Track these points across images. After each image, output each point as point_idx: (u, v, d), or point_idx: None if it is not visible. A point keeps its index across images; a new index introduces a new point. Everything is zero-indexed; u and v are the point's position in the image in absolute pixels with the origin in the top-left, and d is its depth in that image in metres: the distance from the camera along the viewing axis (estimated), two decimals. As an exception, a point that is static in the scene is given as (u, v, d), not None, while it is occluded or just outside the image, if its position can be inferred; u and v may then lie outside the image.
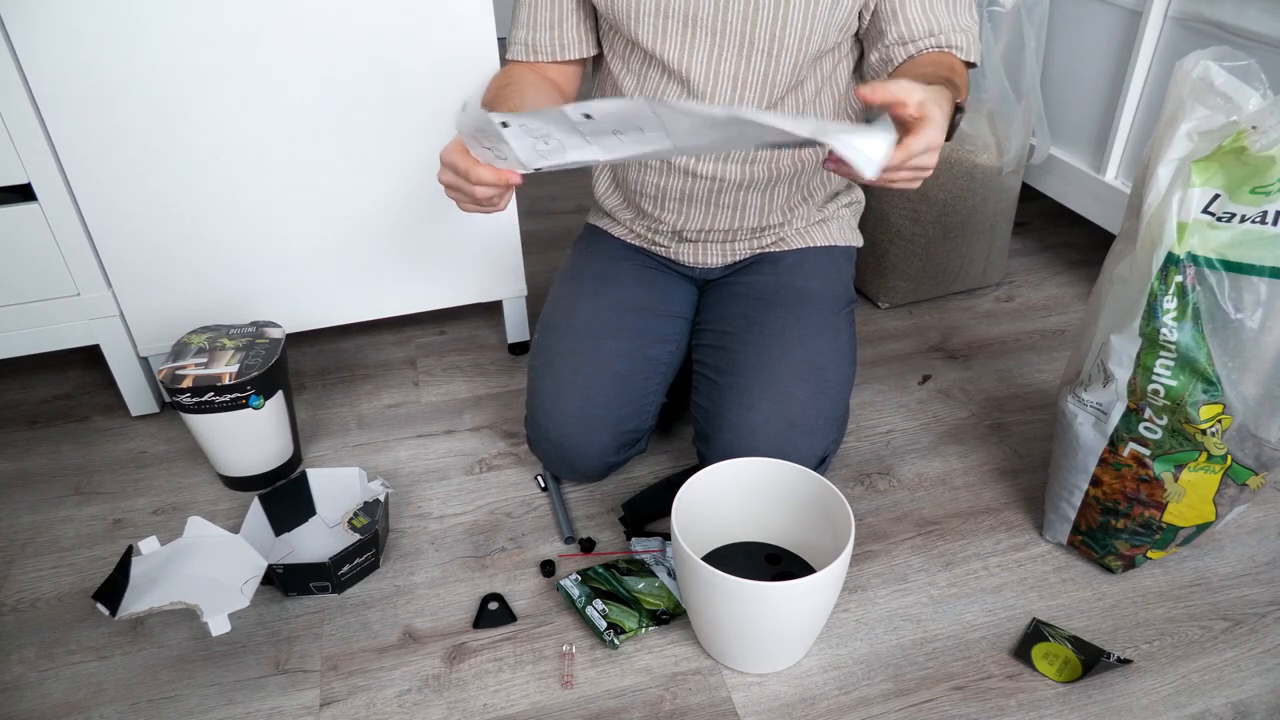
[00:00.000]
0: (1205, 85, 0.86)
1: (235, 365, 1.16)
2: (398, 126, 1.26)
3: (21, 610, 1.07)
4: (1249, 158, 0.84)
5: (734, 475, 1.01)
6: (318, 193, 1.28)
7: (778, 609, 0.89)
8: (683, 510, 0.95)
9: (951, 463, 1.27)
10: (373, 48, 1.19)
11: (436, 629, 1.03)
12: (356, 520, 1.11)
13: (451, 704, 0.95)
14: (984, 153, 1.50)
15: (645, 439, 1.21)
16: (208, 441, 1.19)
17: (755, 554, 1.06)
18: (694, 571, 0.89)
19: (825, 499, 0.97)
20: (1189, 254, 0.86)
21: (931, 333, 1.57)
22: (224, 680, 0.98)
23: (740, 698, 0.95)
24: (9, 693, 0.97)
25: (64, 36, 1.08)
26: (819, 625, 0.95)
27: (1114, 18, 1.49)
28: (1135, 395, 0.94)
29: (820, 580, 0.87)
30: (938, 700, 0.94)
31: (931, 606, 1.05)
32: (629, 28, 1.02)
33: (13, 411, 1.43)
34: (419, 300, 1.44)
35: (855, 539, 0.90)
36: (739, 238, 1.17)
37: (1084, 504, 1.05)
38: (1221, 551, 1.11)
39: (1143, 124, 1.49)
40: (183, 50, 1.12)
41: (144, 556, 0.99)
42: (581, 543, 1.13)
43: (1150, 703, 0.93)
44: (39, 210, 1.18)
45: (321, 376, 1.49)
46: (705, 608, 0.92)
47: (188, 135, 1.18)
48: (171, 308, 1.31)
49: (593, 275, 1.21)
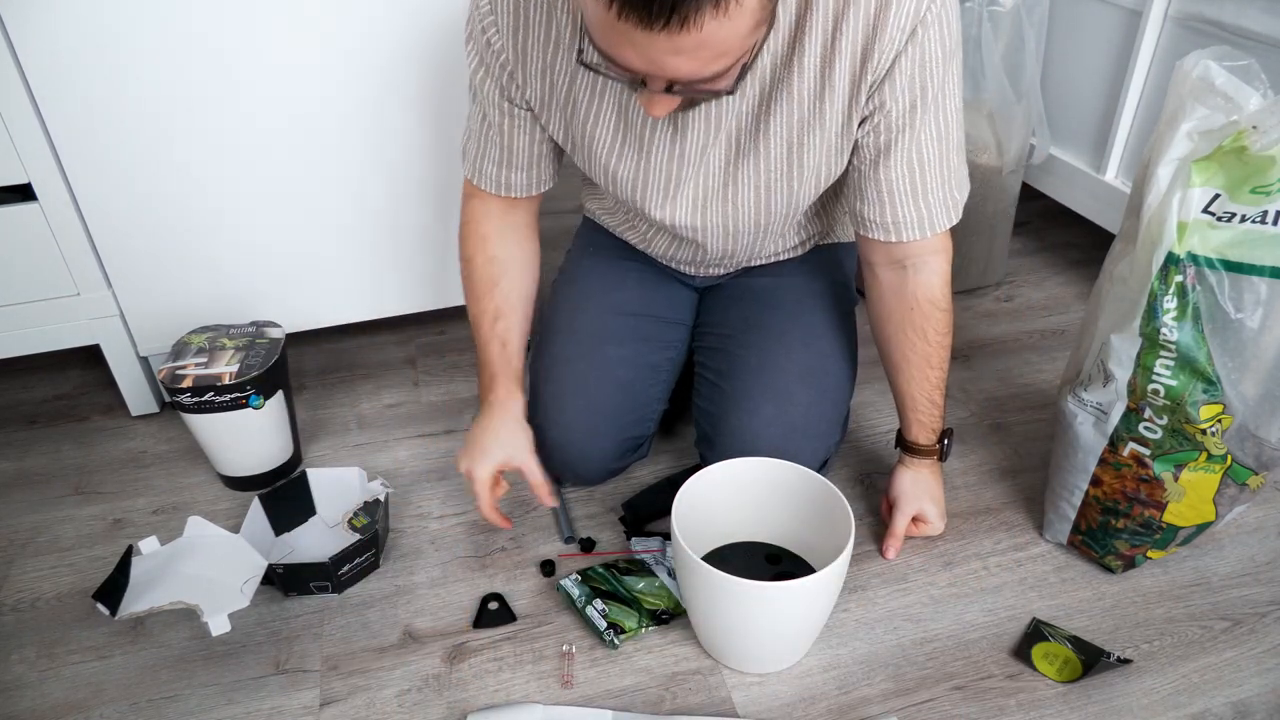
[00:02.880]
0: (1205, 85, 0.86)
1: (235, 365, 1.15)
2: (398, 126, 1.26)
3: (21, 610, 1.07)
4: (1249, 157, 0.84)
5: (734, 475, 1.01)
6: (318, 193, 1.28)
7: (778, 609, 0.89)
8: (683, 510, 0.95)
9: (951, 462, 1.27)
10: (373, 48, 1.19)
11: (436, 629, 1.03)
12: (356, 520, 1.11)
13: (451, 704, 0.95)
14: (984, 153, 1.50)
15: (647, 444, 1.21)
16: (208, 441, 1.19)
17: (755, 554, 1.06)
18: (694, 572, 0.89)
19: (825, 499, 0.97)
20: (1189, 254, 0.86)
21: (931, 332, 1.57)
22: (224, 680, 0.98)
23: (740, 697, 0.95)
24: (9, 693, 0.97)
25: (64, 36, 1.07)
26: (819, 625, 0.95)
27: (1114, 18, 1.49)
28: (1135, 395, 0.94)
29: (821, 580, 0.87)
30: (938, 700, 0.94)
31: (931, 606, 1.05)
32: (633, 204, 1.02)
33: (13, 411, 1.43)
34: (419, 300, 1.44)
35: (855, 539, 0.90)
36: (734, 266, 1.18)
37: (1084, 504, 1.05)
38: (1221, 551, 1.11)
39: (1143, 124, 1.48)
40: (183, 50, 1.12)
41: (144, 556, 0.99)
42: (581, 542, 1.13)
43: (1150, 703, 0.93)
44: (39, 210, 1.18)
45: (321, 376, 1.49)
46: (706, 608, 0.92)
47: (188, 135, 1.18)
48: (171, 308, 1.31)
49: (594, 278, 1.21)
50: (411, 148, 1.28)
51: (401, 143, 1.28)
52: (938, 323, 1.00)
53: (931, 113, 0.88)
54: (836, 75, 0.86)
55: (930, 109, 0.88)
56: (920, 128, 0.89)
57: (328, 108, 1.22)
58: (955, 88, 0.89)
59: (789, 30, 0.85)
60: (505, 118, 1.00)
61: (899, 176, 0.92)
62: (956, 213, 0.96)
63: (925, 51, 0.84)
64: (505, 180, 1.05)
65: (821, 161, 0.94)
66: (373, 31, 1.18)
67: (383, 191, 1.31)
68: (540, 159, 1.04)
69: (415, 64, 1.22)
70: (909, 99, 0.87)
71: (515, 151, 1.03)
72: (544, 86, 0.95)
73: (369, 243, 1.35)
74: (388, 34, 1.19)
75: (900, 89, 0.86)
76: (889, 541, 1.10)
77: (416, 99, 1.25)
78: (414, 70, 1.22)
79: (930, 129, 0.90)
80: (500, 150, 1.03)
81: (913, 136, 0.90)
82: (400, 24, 1.19)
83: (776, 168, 0.94)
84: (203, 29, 1.12)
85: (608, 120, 0.95)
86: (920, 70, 0.85)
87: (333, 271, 1.36)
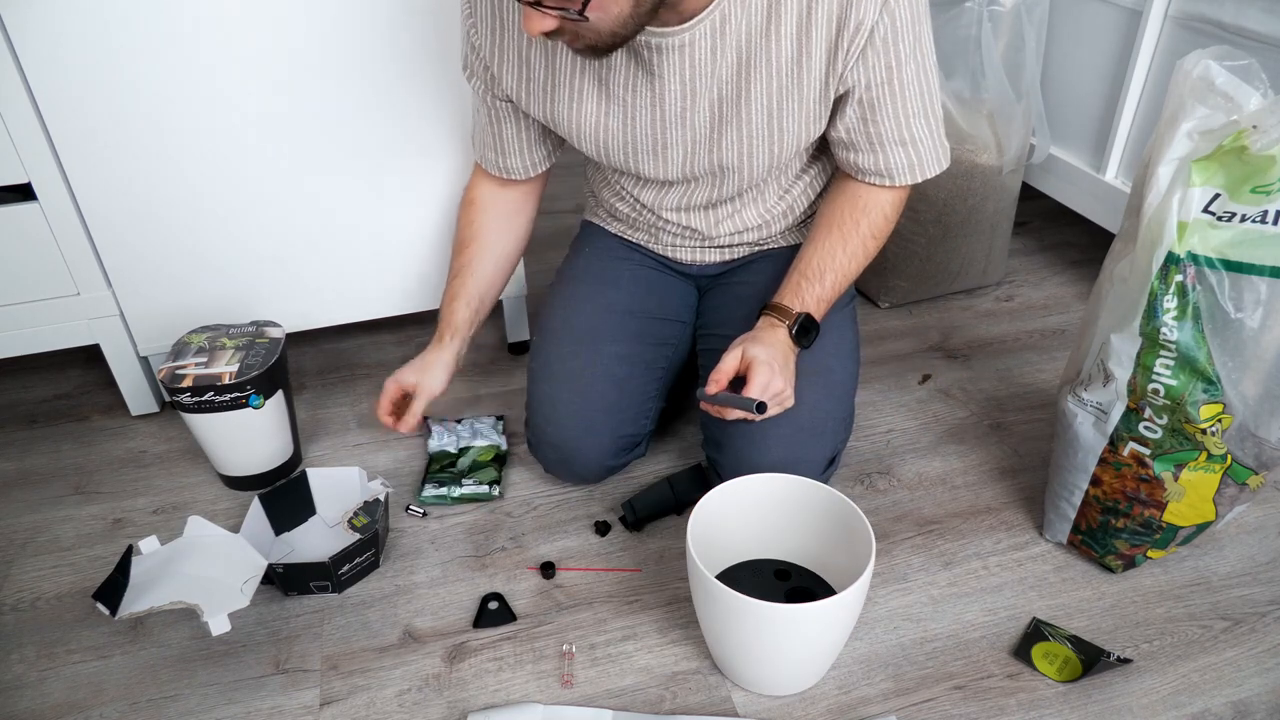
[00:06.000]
0: (1205, 85, 0.86)
1: (235, 365, 1.15)
2: (398, 126, 1.26)
3: (21, 610, 1.07)
4: (1249, 157, 0.84)
5: (744, 492, 0.98)
6: (318, 193, 1.28)
7: (799, 630, 0.87)
8: (697, 532, 0.92)
9: (951, 462, 1.27)
10: (374, 49, 1.19)
11: (436, 628, 1.03)
12: (356, 520, 1.11)
13: (451, 703, 0.95)
14: (984, 152, 1.50)
15: (644, 442, 1.21)
16: (208, 441, 1.19)
17: (763, 571, 1.04)
18: (711, 594, 0.86)
19: (839, 513, 0.95)
20: (1189, 253, 0.86)
21: (931, 332, 1.57)
22: (224, 680, 0.98)
23: (740, 697, 0.95)
24: (9, 693, 0.97)
25: (64, 36, 1.07)
26: (840, 645, 0.92)
27: (1114, 17, 1.49)
28: (1135, 395, 0.94)
29: (846, 599, 0.84)
30: (938, 700, 0.94)
31: (931, 606, 1.05)
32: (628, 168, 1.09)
33: (13, 411, 1.43)
34: (419, 300, 1.44)
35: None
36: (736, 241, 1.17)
37: (1084, 503, 1.05)
38: (1221, 551, 1.11)
39: (1143, 124, 1.48)
40: (184, 50, 1.12)
41: (144, 556, 0.99)
42: (542, 568, 1.11)
43: (1150, 702, 0.93)
44: (39, 210, 1.18)
45: (321, 376, 1.49)
46: (721, 630, 0.90)
47: (188, 135, 1.18)
48: (171, 307, 1.31)
49: (591, 277, 1.21)
50: (411, 148, 1.28)
51: (401, 143, 1.27)
52: (875, 223, 1.05)
53: (911, 68, 0.95)
54: (814, 44, 0.92)
55: (910, 63, 0.95)
56: (903, 84, 0.96)
57: (328, 108, 1.22)
58: (929, 39, 0.96)
59: (765, 0, 0.91)
60: (490, 110, 1.10)
61: (888, 130, 0.99)
62: (946, 157, 1.04)
63: (897, 15, 0.90)
64: (503, 165, 1.16)
65: (800, 126, 1.00)
66: (373, 33, 1.18)
67: (383, 191, 1.31)
68: (530, 145, 1.13)
69: (414, 65, 1.22)
70: (887, 60, 0.93)
71: (505, 140, 1.13)
72: (521, 78, 1.03)
73: (369, 243, 1.35)
74: (388, 35, 1.19)
75: (878, 51, 0.92)
76: (712, 376, 0.96)
77: (416, 100, 1.25)
78: (413, 71, 1.22)
79: (912, 85, 0.96)
80: (493, 139, 1.13)
81: (899, 91, 0.96)
82: (400, 25, 1.19)
83: (758, 132, 1.00)
84: (203, 29, 1.12)
85: (590, 96, 1.01)
86: (893, 33, 0.91)
87: (333, 271, 1.36)
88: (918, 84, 0.97)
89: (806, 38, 0.92)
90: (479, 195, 1.20)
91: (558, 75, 1.01)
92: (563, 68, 1.00)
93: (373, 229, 1.34)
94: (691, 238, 1.17)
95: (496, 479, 1.21)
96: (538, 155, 1.15)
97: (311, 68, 1.18)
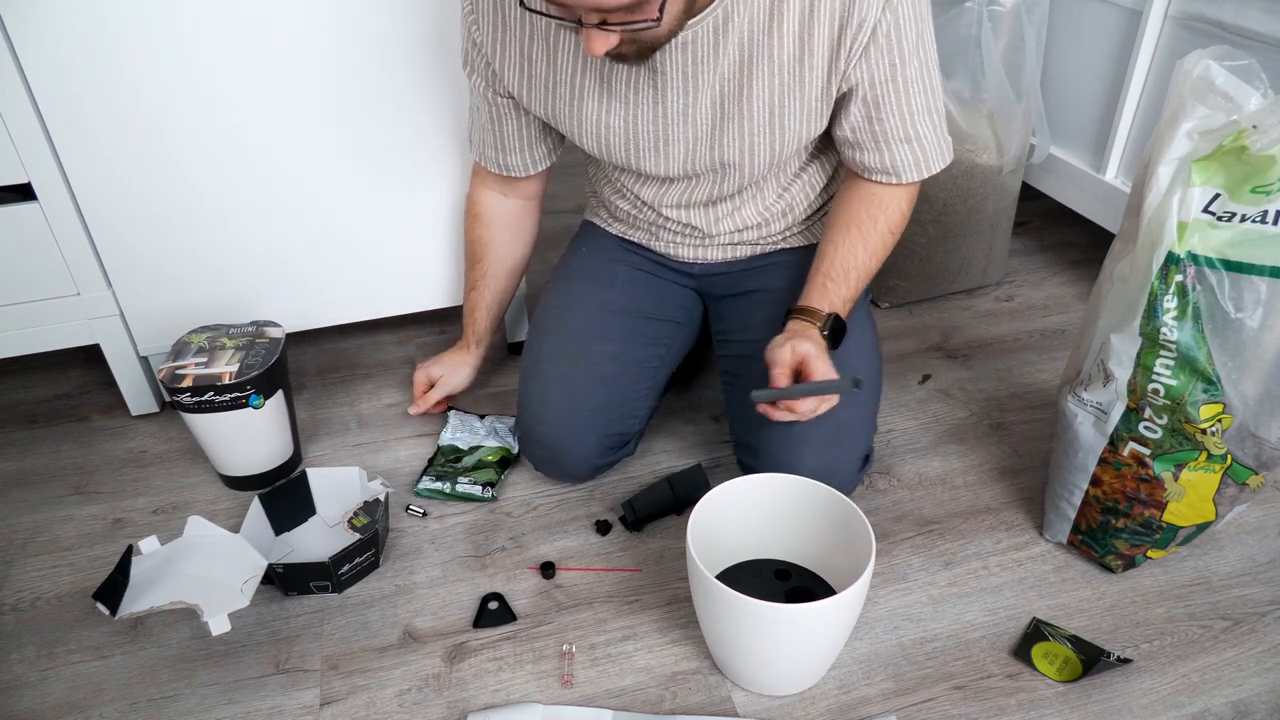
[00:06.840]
0: (1205, 85, 0.86)
1: (235, 365, 1.15)
2: (398, 127, 1.26)
3: (21, 610, 1.07)
4: (1249, 157, 0.84)
5: (744, 492, 0.98)
6: (318, 193, 1.28)
7: (799, 630, 0.87)
8: (697, 532, 0.92)
9: (951, 462, 1.27)
10: (374, 51, 1.19)
11: (436, 628, 1.03)
12: (356, 520, 1.11)
13: (451, 703, 0.95)
14: (984, 152, 1.50)
15: (634, 442, 1.21)
16: (208, 441, 1.19)
17: (763, 571, 1.04)
18: (711, 594, 0.86)
19: (839, 512, 0.95)
20: (1189, 253, 0.86)
21: (931, 332, 1.57)
22: (224, 680, 0.98)
23: (740, 697, 0.95)
24: (9, 693, 0.97)
25: (64, 36, 1.07)
26: (840, 644, 0.93)
27: (1114, 17, 1.49)
28: (1135, 394, 0.94)
29: (847, 598, 0.84)
30: (938, 700, 0.94)
31: (931, 606, 1.05)
32: (629, 164, 1.08)
33: (13, 411, 1.43)
34: (419, 300, 1.44)
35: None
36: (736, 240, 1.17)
37: (1084, 503, 1.05)
38: (1221, 551, 1.11)
39: (1143, 124, 1.48)
40: (184, 50, 1.12)
41: (144, 556, 0.99)
42: (542, 568, 1.11)
43: (1150, 702, 0.93)
44: (39, 210, 1.18)
45: (321, 376, 1.49)
46: (721, 630, 0.90)
47: (188, 135, 1.18)
48: (171, 307, 1.31)
49: (585, 276, 1.22)
50: (412, 148, 1.28)
51: (401, 143, 1.27)
52: (892, 219, 1.06)
53: (915, 65, 0.96)
54: (816, 41, 0.93)
55: (914, 60, 0.95)
56: (907, 81, 0.96)
57: (328, 109, 1.22)
58: (931, 36, 0.97)
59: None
60: (492, 107, 1.10)
61: (893, 128, 0.99)
62: (949, 151, 1.05)
63: (900, 12, 0.91)
64: (503, 163, 1.16)
65: (802, 123, 1.00)
66: (373, 34, 1.18)
67: (383, 192, 1.31)
68: (531, 142, 1.14)
69: (414, 66, 1.22)
70: (891, 57, 0.94)
71: (506, 136, 1.13)
72: (524, 75, 1.03)
73: (369, 242, 1.35)
74: (388, 37, 1.19)
75: (881, 49, 0.93)
76: (776, 372, 0.93)
77: (416, 100, 1.24)
78: (414, 72, 1.22)
79: (916, 82, 0.97)
80: (494, 136, 1.14)
81: (903, 88, 0.97)
82: (401, 26, 1.19)
83: (759, 129, 1.00)
84: (203, 29, 1.12)
85: (592, 93, 1.01)
86: (897, 30, 0.92)
87: (333, 271, 1.36)
88: (921, 81, 0.97)
89: (809, 35, 0.92)
90: (484, 209, 1.22)
91: (559, 72, 1.01)
92: (564, 65, 1.00)
93: (373, 229, 1.34)
94: (691, 235, 1.17)
95: (493, 482, 1.21)
96: (538, 152, 1.15)
97: (311, 68, 1.18)
